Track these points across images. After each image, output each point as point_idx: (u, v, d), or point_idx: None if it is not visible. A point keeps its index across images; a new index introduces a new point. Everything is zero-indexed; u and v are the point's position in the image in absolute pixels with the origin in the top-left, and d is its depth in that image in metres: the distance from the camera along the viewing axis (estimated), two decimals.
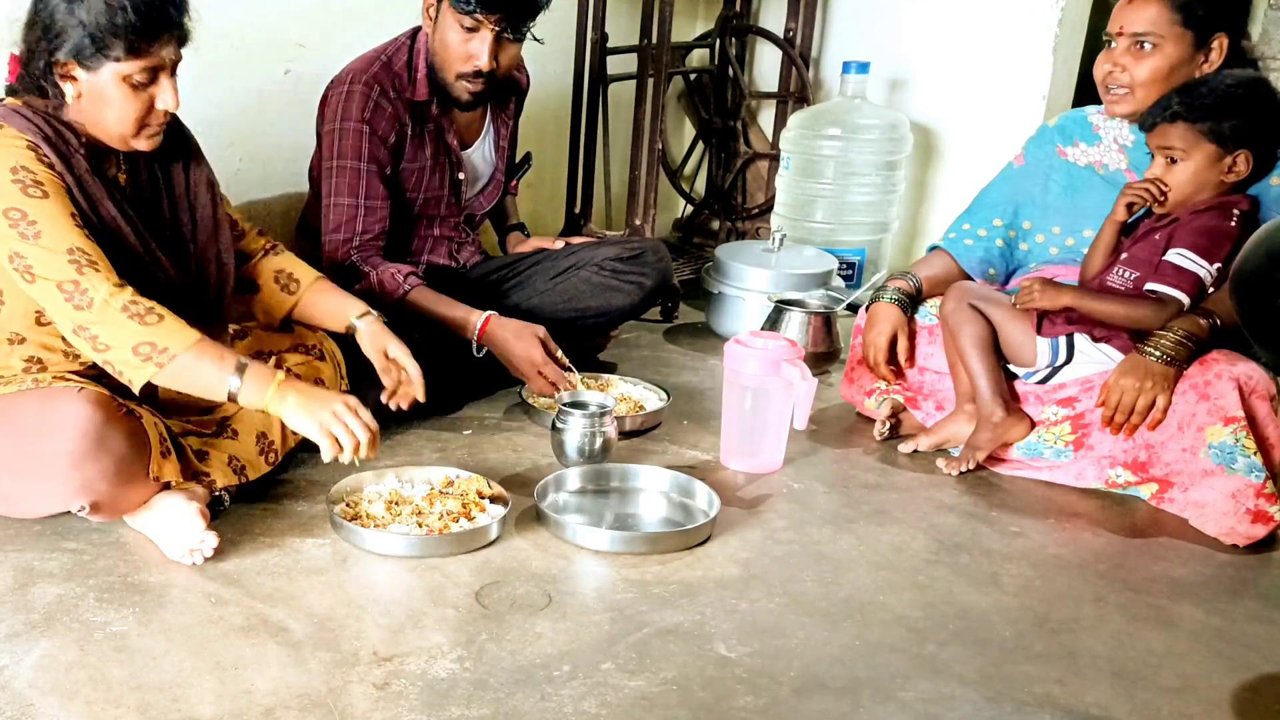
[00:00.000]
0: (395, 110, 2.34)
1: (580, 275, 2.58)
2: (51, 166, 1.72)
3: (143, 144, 1.81)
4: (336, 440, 1.76)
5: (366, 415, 1.80)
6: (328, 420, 1.76)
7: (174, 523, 1.77)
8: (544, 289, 2.58)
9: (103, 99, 1.75)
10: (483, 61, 2.28)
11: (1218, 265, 2.05)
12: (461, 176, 2.53)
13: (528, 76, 2.67)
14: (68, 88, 1.75)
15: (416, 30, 2.39)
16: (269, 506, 1.95)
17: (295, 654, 1.54)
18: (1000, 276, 2.42)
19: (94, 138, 1.79)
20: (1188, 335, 2.03)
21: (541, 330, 2.34)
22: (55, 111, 1.76)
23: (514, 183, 2.80)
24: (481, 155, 2.58)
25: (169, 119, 1.82)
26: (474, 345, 2.33)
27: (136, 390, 1.75)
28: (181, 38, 1.78)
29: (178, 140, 1.92)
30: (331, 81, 2.37)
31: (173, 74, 1.79)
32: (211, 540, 1.76)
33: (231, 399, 1.76)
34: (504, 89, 2.53)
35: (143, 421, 1.77)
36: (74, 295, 1.68)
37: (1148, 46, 2.12)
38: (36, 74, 1.75)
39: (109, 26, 1.70)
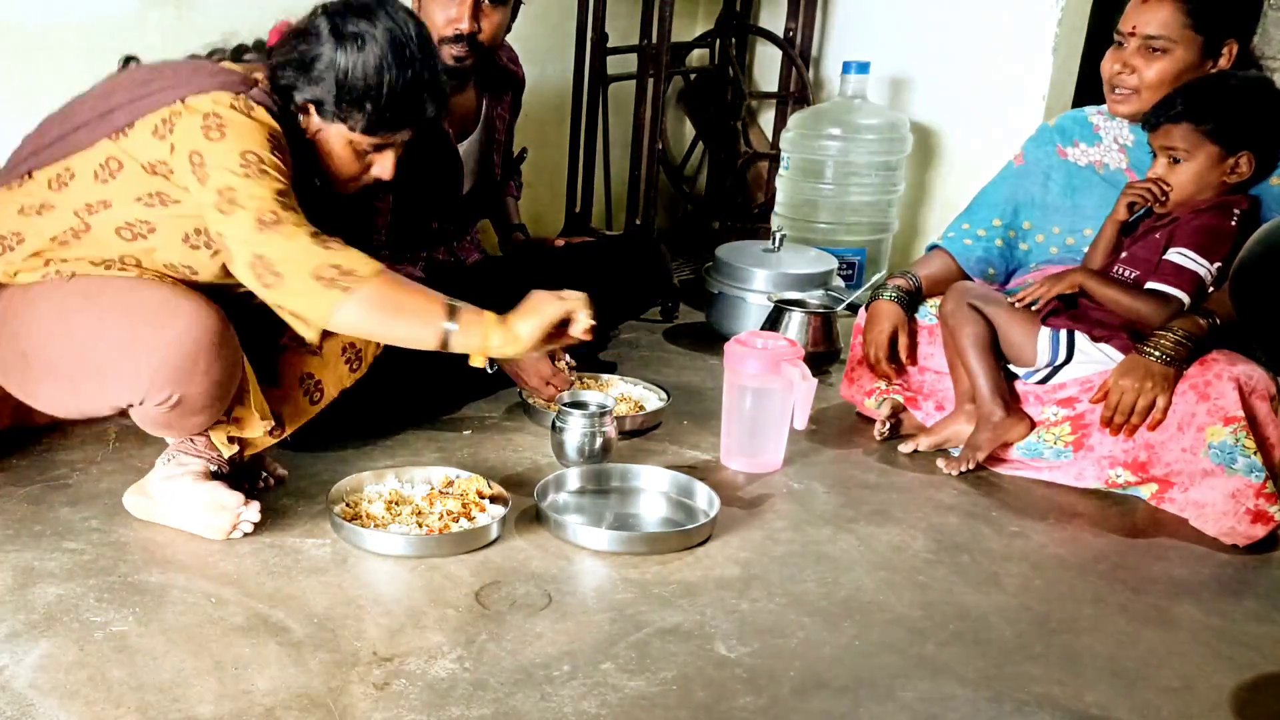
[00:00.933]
0: None
1: (582, 275, 2.58)
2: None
3: (345, 191, 1.85)
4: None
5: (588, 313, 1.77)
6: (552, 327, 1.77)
7: (201, 502, 1.79)
8: (545, 286, 2.58)
9: (324, 146, 1.79)
10: (464, 24, 2.29)
11: (1218, 264, 2.05)
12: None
13: (522, 71, 2.67)
14: (300, 115, 1.77)
15: None
16: (269, 506, 1.95)
17: (295, 654, 1.54)
18: (1000, 276, 2.42)
19: None
20: (1187, 335, 2.03)
21: None
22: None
23: (513, 184, 2.80)
24: (476, 148, 2.58)
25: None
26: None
27: (315, 339, 1.72)
28: (419, 126, 1.81)
29: None
30: None
31: (399, 149, 1.82)
32: (253, 512, 1.79)
33: (443, 344, 1.71)
34: (496, 74, 2.55)
35: (244, 360, 1.78)
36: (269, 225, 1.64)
37: (1158, 50, 2.11)
38: (278, 84, 1.76)
39: (358, 102, 1.72)
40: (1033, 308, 2.19)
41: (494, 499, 1.97)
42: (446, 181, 2.52)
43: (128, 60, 1.86)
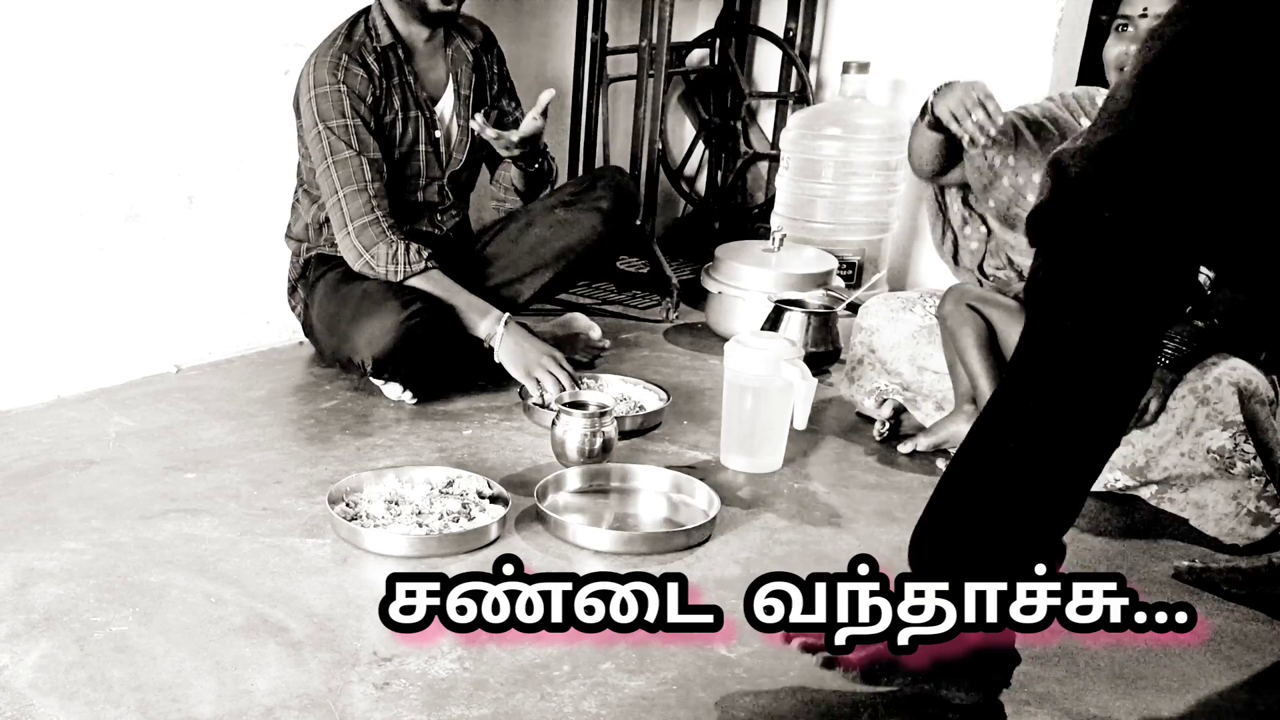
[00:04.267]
0: (364, 72, 2.40)
1: (540, 222, 2.61)
2: None
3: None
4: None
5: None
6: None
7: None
8: (510, 250, 2.62)
9: None
10: None
11: None
12: (439, 134, 2.55)
13: (484, 28, 2.64)
14: None
15: (367, 9, 2.46)
16: (269, 506, 1.95)
17: (295, 654, 1.54)
18: None
19: None
20: (1185, 340, 2.03)
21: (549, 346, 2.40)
22: None
23: (522, 159, 2.66)
24: (449, 106, 2.59)
25: None
26: (494, 348, 2.35)
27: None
28: None
29: None
30: (301, 71, 2.44)
31: None
32: None
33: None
34: (455, 29, 2.56)
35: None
36: None
37: None
38: None
39: None
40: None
41: (494, 499, 1.97)
42: (424, 145, 2.54)
43: None
